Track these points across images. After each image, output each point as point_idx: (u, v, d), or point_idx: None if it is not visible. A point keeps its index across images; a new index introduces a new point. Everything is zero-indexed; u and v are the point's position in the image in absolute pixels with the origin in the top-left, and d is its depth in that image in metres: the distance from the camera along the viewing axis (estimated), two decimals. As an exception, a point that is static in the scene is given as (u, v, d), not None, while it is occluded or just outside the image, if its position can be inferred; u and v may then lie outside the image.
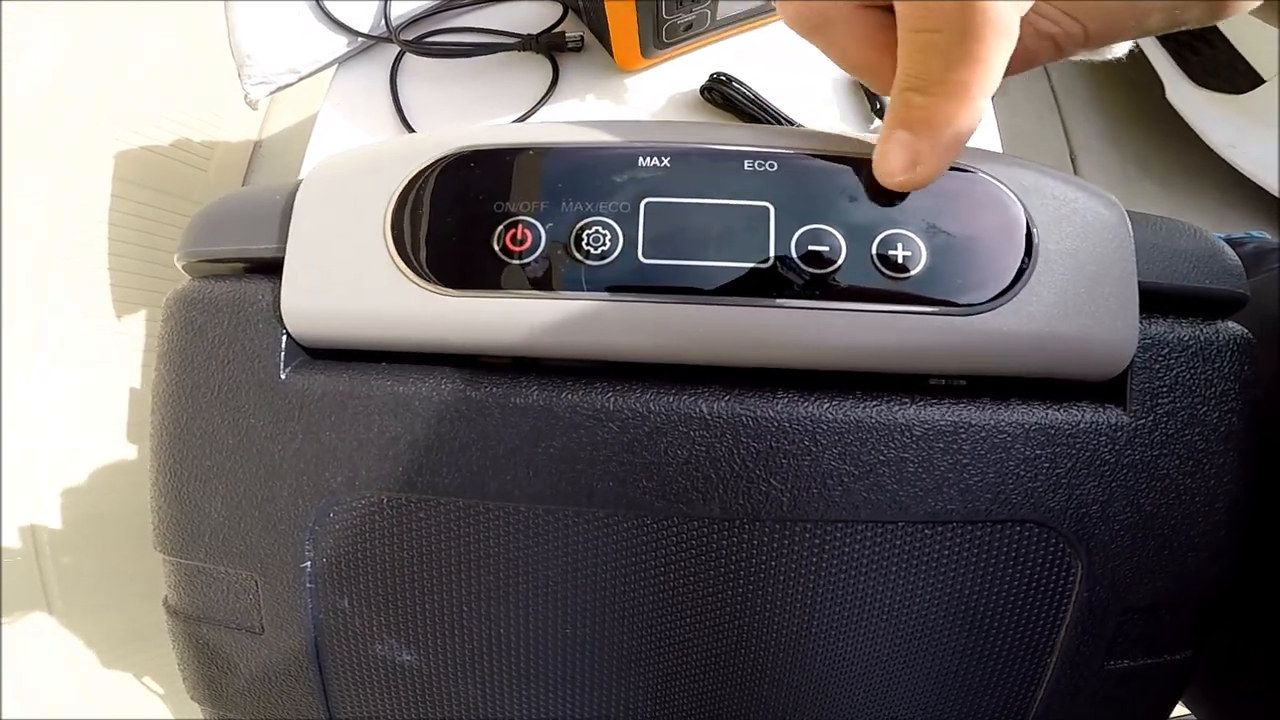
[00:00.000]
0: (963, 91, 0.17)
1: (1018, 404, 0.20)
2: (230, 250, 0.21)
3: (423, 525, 0.21)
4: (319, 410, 0.20)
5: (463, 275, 0.19)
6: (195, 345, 0.21)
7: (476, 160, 0.20)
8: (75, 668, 0.80)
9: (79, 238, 0.87)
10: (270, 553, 0.22)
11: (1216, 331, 0.21)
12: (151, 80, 0.95)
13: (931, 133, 0.18)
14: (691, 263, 0.19)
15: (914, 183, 0.18)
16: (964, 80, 0.17)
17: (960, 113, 0.17)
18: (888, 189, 0.19)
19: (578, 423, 0.19)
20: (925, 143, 0.18)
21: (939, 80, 0.17)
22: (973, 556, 0.20)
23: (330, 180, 0.21)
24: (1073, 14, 0.17)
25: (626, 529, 0.20)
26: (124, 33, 0.91)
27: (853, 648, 0.21)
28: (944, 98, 0.17)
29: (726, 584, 0.20)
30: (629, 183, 0.19)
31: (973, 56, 0.16)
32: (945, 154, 0.18)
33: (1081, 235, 0.20)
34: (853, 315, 0.19)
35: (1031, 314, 0.19)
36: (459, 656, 0.22)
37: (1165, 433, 0.20)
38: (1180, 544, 0.21)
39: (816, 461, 0.19)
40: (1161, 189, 1.17)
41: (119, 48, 0.91)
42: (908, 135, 0.18)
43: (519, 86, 0.54)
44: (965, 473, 0.19)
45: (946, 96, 0.17)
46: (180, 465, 0.22)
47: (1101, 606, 0.21)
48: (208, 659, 0.24)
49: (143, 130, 0.95)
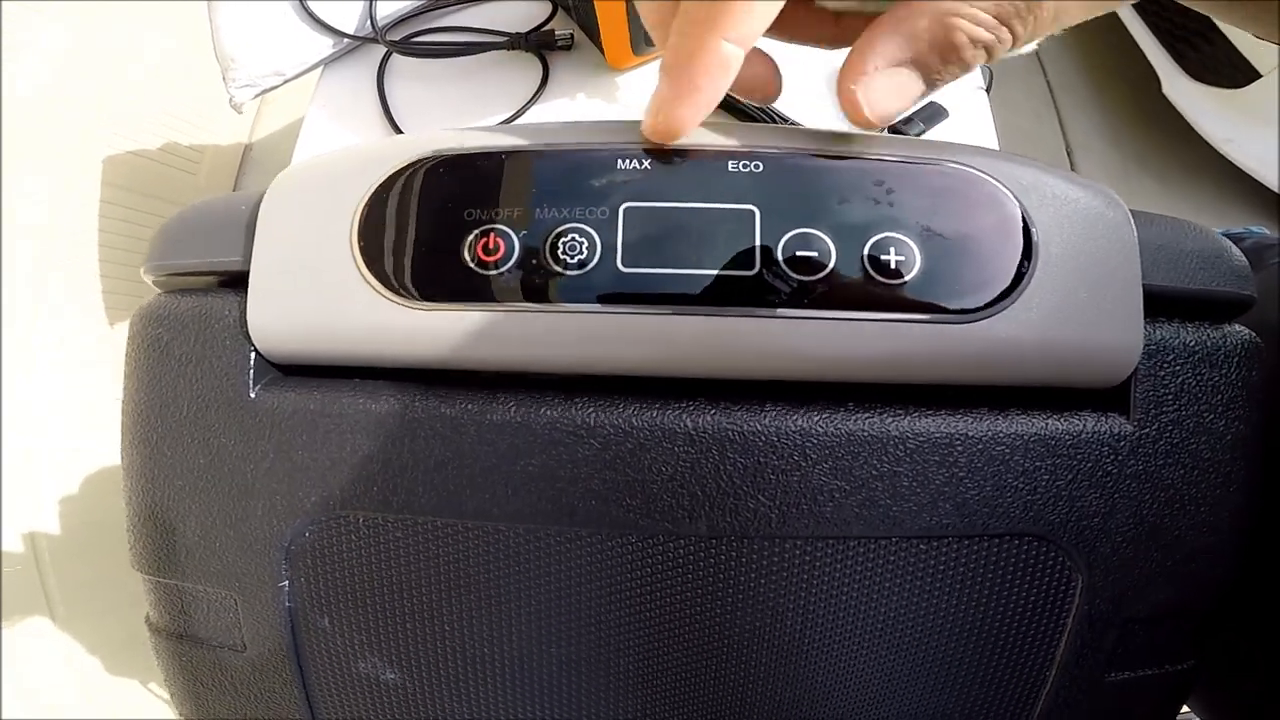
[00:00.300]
0: (704, 28, 0.16)
1: (1016, 414, 0.19)
2: (195, 264, 0.21)
3: (400, 545, 0.20)
4: (290, 429, 0.20)
5: (434, 287, 0.19)
6: (162, 364, 0.21)
7: (445, 166, 0.19)
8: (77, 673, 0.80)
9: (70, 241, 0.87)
10: (247, 572, 0.21)
11: (1224, 335, 0.20)
12: (140, 84, 0.95)
13: (673, 74, 0.17)
14: (673, 271, 0.18)
15: (658, 131, 0.18)
16: (707, 16, 0.16)
17: (700, 52, 0.16)
18: None
19: (557, 439, 0.19)
20: (667, 85, 0.17)
21: (690, 18, 0.16)
22: (969, 571, 0.20)
23: (295, 190, 0.20)
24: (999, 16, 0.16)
25: (610, 548, 0.19)
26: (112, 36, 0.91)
27: (845, 666, 0.21)
28: (687, 35, 0.16)
29: (715, 603, 0.20)
30: (606, 187, 0.19)
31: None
32: (687, 98, 0.17)
33: (1084, 236, 0.19)
34: (843, 324, 0.18)
35: (1032, 320, 0.18)
36: (443, 676, 0.22)
37: (1170, 442, 0.20)
38: (1184, 554, 0.20)
39: (806, 477, 0.19)
40: (1159, 185, 1.16)
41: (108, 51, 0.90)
42: (660, 81, 0.17)
43: (509, 86, 0.53)
44: (961, 486, 0.19)
45: (689, 34, 0.16)
46: (152, 485, 0.21)
47: (1102, 619, 0.20)
48: (192, 676, 0.23)
49: (132, 134, 0.95)
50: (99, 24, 0.88)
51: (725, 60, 0.17)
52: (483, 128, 0.20)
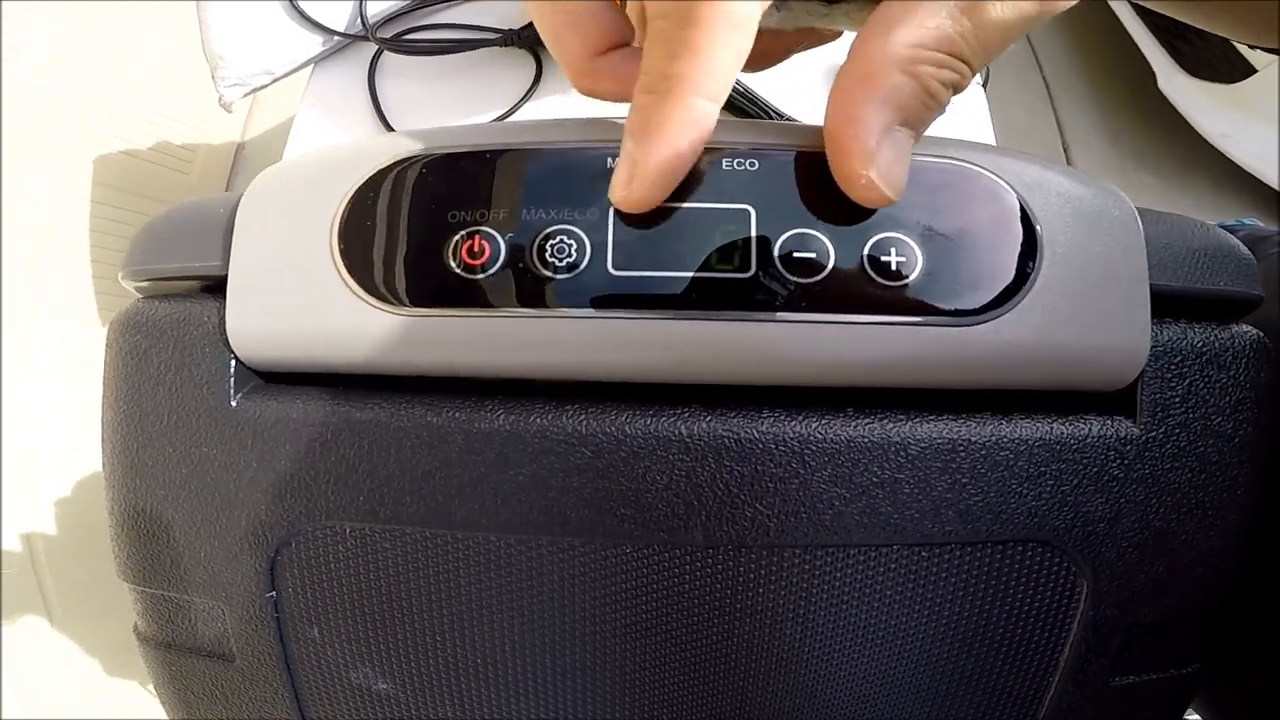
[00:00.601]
0: (681, 86, 0.15)
1: (1020, 418, 0.19)
2: (174, 269, 0.20)
3: (389, 555, 0.20)
4: (273, 438, 0.19)
5: (417, 292, 0.18)
6: (141, 372, 0.20)
7: (428, 166, 0.19)
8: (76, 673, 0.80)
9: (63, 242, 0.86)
10: (234, 583, 0.21)
11: (1232, 336, 0.20)
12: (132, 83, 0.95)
13: (646, 138, 0.16)
14: (666, 273, 0.18)
15: (631, 201, 0.17)
16: (680, 73, 0.15)
17: (675, 114, 0.15)
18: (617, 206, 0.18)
19: (547, 448, 0.18)
20: (643, 150, 0.16)
21: (659, 73, 0.15)
22: (972, 578, 0.19)
23: (273, 191, 0.19)
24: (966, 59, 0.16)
25: (604, 558, 0.19)
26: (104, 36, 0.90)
27: (847, 676, 0.20)
28: (660, 94, 0.15)
29: (712, 614, 0.19)
30: (596, 186, 0.18)
31: (691, 46, 0.15)
32: (664, 165, 0.16)
33: (1089, 235, 0.18)
34: (843, 327, 0.17)
35: (1036, 322, 0.18)
36: (436, 687, 0.21)
37: (1177, 445, 0.19)
38: (1190, 558, 0.20)
39: (805, 484, 0.18)
40: (1157, 180, 1.16)
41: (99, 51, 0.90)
42: (629, 144, 0.16)
43: (502, 83, 0.52)
44: (964, 493, 0.18)
45: (662, 93, 0.15)
46: (134, 495, 0.21)
47: (1107, 624, 0.20)
48: (182, 685, 0.23)
49: (124, 133, 0.94)
50: (90, 24, 0.88)
51: (702, 122, 0.16)
52: (468, 126, 0.19)
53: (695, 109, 0.16)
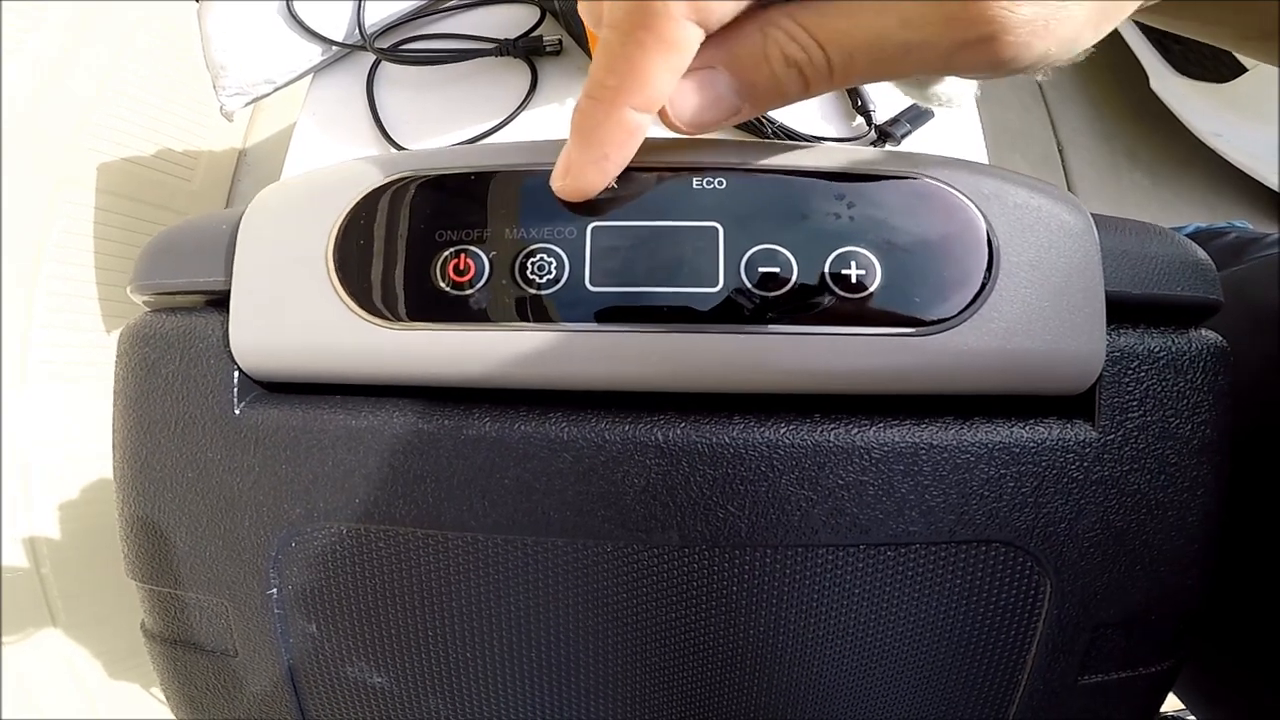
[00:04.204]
0: (611, 97, 0.16)
1: (981, 422, 0.19)
2: (179, 284, 0.21)
3: (383, 554, 0.21)
4: (274, 445, 0.20)
5: (408, 308, 0.19)
6: (150, 381, 0.21)
7: (417, 187, 0.20)
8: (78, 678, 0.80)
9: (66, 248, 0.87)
10: (237, 581, 0.22)
11: (1189, 341, 0.20)
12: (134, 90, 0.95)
13: (581, 139, 0.17)
14: (641, 289, 0.18)
15: (566, 191, 0.18)
16: (615, 86, 0.16)
17: (610, 122, 0.16)
18: None
19: (532, 453, 0.19)
20: (577, 152, 0.17)
21: (599, 83, 0.16)
22: (938, 577, 0.20)
23: (273, 210, 0.20)
24: (818, 38, 0.16)
25: (586, 557, 0.20)
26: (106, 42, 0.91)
27: (818, 672, 0.21)
28: (596, 101, 0.16)
29: (688, 610, 0.20)
30: (574, 207, 0.19)
31: (628, 61, 0.16)
32: (594, 164, 0.17)
33: (1046, 245, 0.19)
34: (807, 339, 0.18)
35: (994, 330, 0.18)
36: (428, 680, 0.22)
37: (1136, 448, 0.20)
38: (1152, 558, 0.20)
39: (774, 487, 0.19)
40: (1150, 179, 1.16)
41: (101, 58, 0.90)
42: (569, 143, 0.17)
43: (498, 92, 0.53)
44: (927, 494, 0.19)
45: (597, 100, 0.16)
46: (142, 497, 0.22)
47: (1072, 623, 0.21)
48: (187, 680, 0.24)
49: (126, 141, 0.95)
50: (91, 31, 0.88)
51: (632, 129, 0.17)
52: (455, 148, 0.20)
53: (627, 119, 0.16)
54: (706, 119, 0.17)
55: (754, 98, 0.17)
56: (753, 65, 0.17)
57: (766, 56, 0.16)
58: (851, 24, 0.16)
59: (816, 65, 0.16)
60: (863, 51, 0.16)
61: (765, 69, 0.17)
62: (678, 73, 0.16)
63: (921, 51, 0.16)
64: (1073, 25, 0.15)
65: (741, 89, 0.17)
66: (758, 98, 0.17)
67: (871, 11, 0.16)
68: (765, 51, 0.16)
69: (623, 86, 0.16)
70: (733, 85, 0.17)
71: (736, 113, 0.18)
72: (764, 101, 0.17)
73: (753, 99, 0.17)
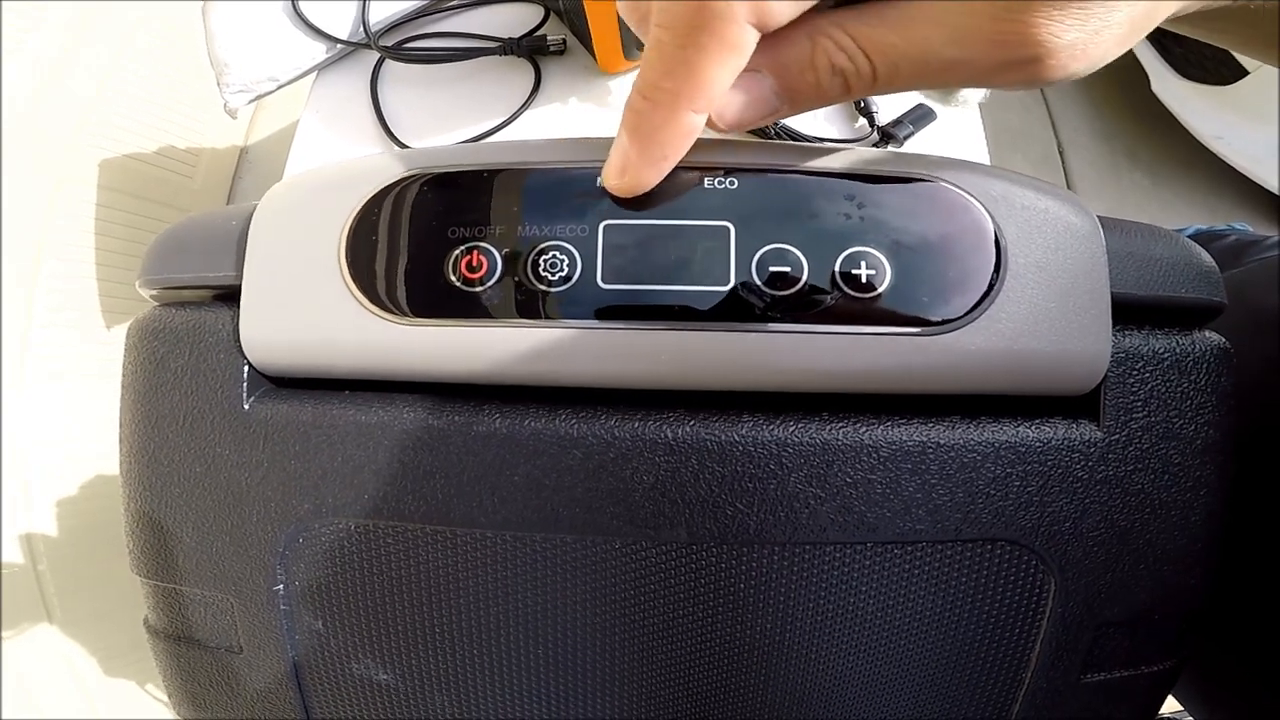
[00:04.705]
0: (671, 100, 0.16)
1: (987, 422, 0.20)
2: (188, 278, 0.21)
3: (391, 551, 0.21)
4: (283, 440, 0.20)
5: (420, 304, 0.19)
6: (158, 376, 0.21)
7: (429, 184, 0.20)
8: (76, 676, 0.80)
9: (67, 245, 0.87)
10: (243, 577, 0.22)
11: (1193, 342, 0.20)
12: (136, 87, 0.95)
13: (639, 140, 0.17)
14: (652, 286, 0.19)
15: (623, 189, 0.18)
16: (674, 89, 0.16)
17: (667, 123, 0.17)
18: None
19: (541, 450, 0.19)
20: (634, 150, 0.17)
21: (654, 85, 0.16)
22: (944, 575, 0.20)
23: (284, 206, 0.20)
24: (865, 49, 0.16)
25: (595, 554, 0.20)
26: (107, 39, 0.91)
27: (824, 669, 0.21)
28: (654, 104, 0.16)
29: (697, 607, 0.20)
30: (586, 204, 0.19)
31: (688, 65, 0.16)
32: (652, 164, 0.18)
33: (1053, 246, 0.19)
34: (816, 337, 0.18)
35: (1001, 331, 0.19)
36: (434, 677, 0.22)
37: (1140, 448, 0.20)
38: (1156, 558, 0.21)
39: (782, 484, 0.19)
40: (1151, 180, 1.17)
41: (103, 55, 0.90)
42: (624, 139, 0.17)
43: (501, 90, 0.53)
44: (934, 493, 0.19)
45: (656, 104, 0.16)
46: (150, 492, 0.22)
47: (1076, 622, 0.21)
48: (190, 677, 0.24)
49: (127, 138, 0.94)
50: (93, 28, 0.88)
51: (690, 130, 0.17)
52: (466, 145, 0.20)
53: (686, 121, 0.17)
54: (747, 119, 0.18)
55: (794, 100, 0.18)
56: (798, 71, 0.17)
57: (813, 63, 0.17)
58: (901, 38, 0.16)
59: (862, 74, 0.17)
60: (909, 64, 0.16)
61: (810, 75, 0.17)
62: (735, 75, 0.16)
63: (966, 68, 0.16)
64: (1105, 47, 0.16)
65: (783, 91, 0.17)
66: (798, 101, 0.18)
67: (922, 27, 0.16)
68: (812, 58, 0.17)
69: (682, 90, 0.16)
70: (775, 87, 0.17)
71: (775, 113, 0.18)
72: (803, 104, 0.18)
73: (792, 101, 0.18)
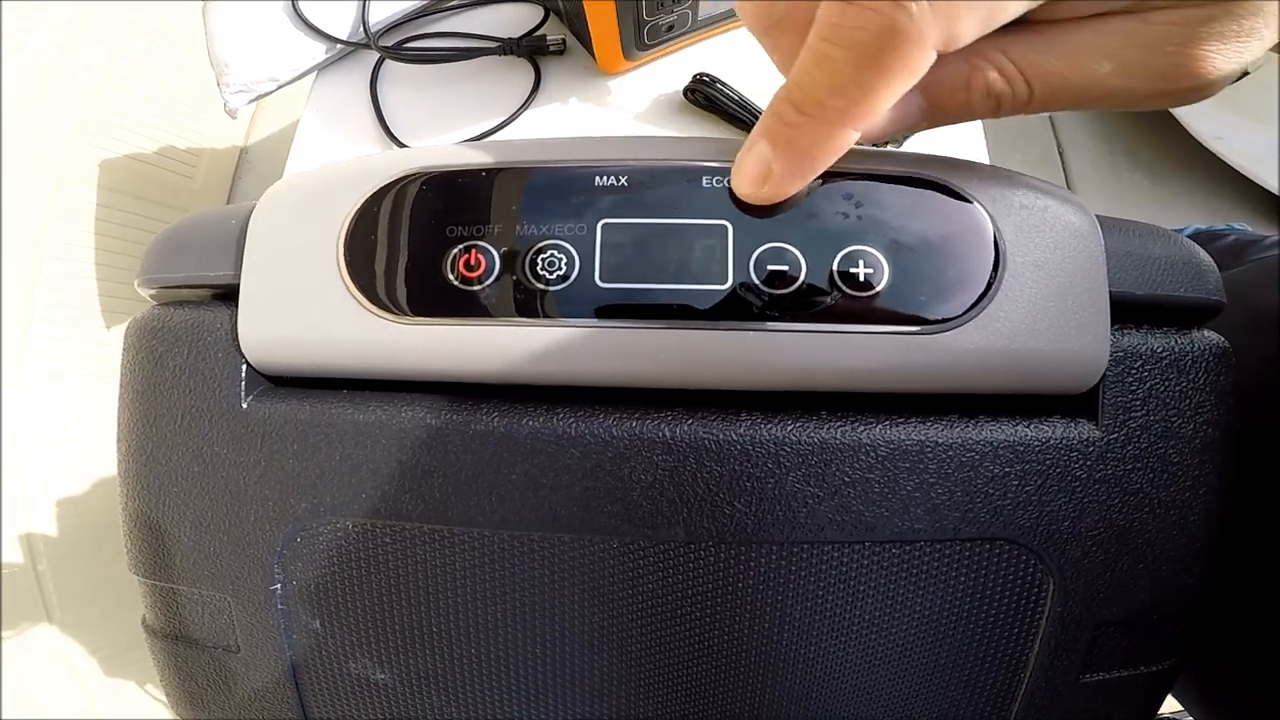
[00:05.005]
0: (836, 118, 0.15)
1: (986, 421, 0.20)
2: (186, 278, 0.21)
3: (388, 550, 0.21)
4: (281, 439, 0.20)
5: (418, 303, 0.19)
6: (157, 375, 0.21)
7: (427, 183, 0.20)
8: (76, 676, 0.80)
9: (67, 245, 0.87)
10: (240, 576, 0.22)
11: (1192, 341, 0.20)
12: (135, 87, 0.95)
13: (790, 153, 0.16)
14: (651, 285, 0.19)
15: (761, 198, 0.18)
16: (842, 108, 0.15)
17: (828, 141, 0.16)
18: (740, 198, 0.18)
19: (539, 449, 0.19)
20: (781, 161, 0.17)
21: (817, 101, 0.15)
22: (942, 575, 0.20)
23: (283, 205, 0.20)
24: (1027, 75, 0.16)
25: (592, 552, 0.20)
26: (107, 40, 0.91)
27: (823, 668, 0.21)
28: (816, 120, 0.16)
29: (694, 605, 0.20)
30: (585, 203, 0.19)
31: (862, 86, 0.15)
32: (798, 178, 0.17)
33: (1051, 245, 0.19)
34: (814, 336, 0.18)
35: (1000, 330, 0.19)
36: (432, 677, 0.22)
37: (1139, 447, 0.20)
38: (1154, 558, 0.21)
39: (780, 483, 0.19)
40: (1150, 179, 1.16)
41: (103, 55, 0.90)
42: (767, 150, 0.17)
43: (501, 91, 0.53)
44: (932, 492, 0.19)
45: (815, 119, 0.16)
46: (147, 491, 0.22)
47: (1075, 621, 0.21)
48: (187, 676, 0.24)
49: (127, 138, 0.95)
50: (92, 28, 0.88)
51: (846, 146, 0.16)
52: (465, 144, 0.20)
53: (845, 138, 0.16)
54: (887, 133, 0.17)
55: (937, 117, 0.18)
56: (950, 90, 0.17)
57: (968, 84, 0.17)
58: (1067, 66, 0.16)
59: (1018, 98, 0.17)
60: (1069, 92, 0.16)
61: (963, 95, 0.17)
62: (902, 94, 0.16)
63: (1125, 95, 0.16)
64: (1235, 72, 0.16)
65: (929, 109, 0.17)
66: (941, 117, 0.18)
67: (1088, 57, 0.16)
68: (969, 79, 0.17)
69: (851, 109, 0.15)
70: (921, 104, 0.17)
71: (915, 127, 0.18)
72: (945, 121, 0.18)
73: (935, 118, 0.18)
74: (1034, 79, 0.16)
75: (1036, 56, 0.16)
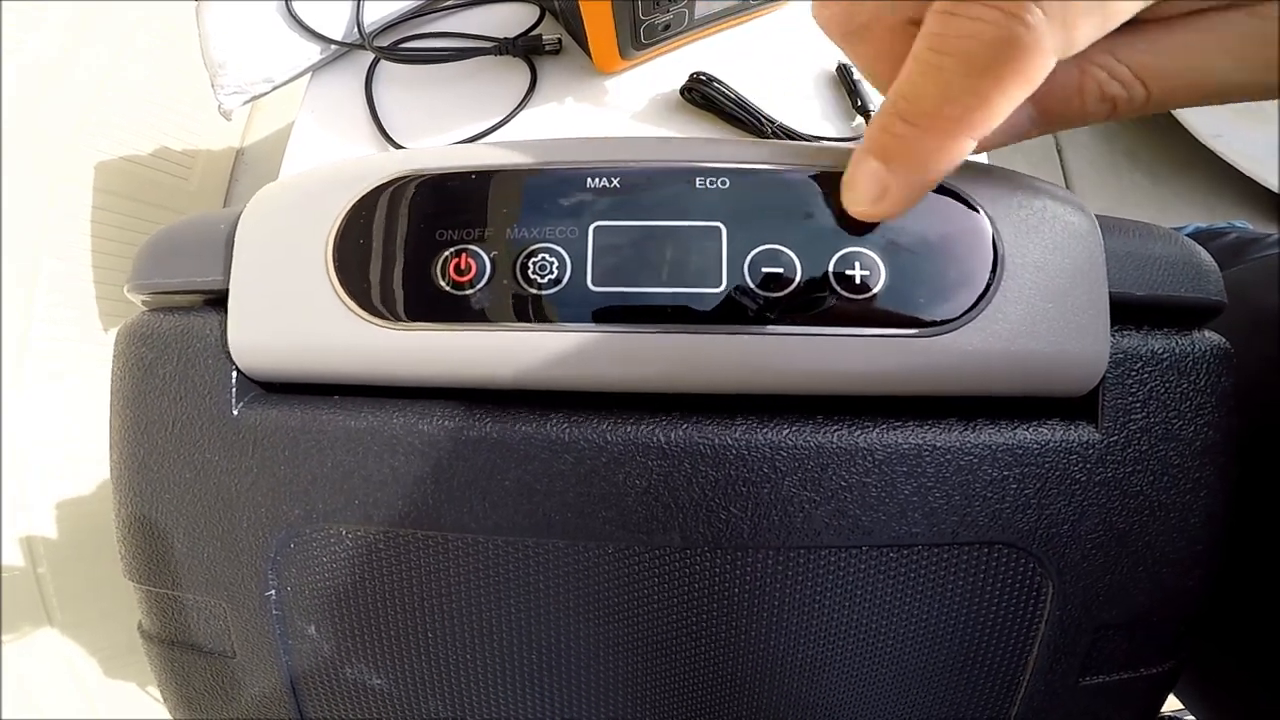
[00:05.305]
0: (951, 129, 0.15)
1: (984, 424, 0.19)
2: (176, 283, 0.21)
3: (382, 556, 0.20)
4: (272, 445, 0.20)
5: (408, 308, 0.19)
6: (147, 382, 0.21)
7: (417, 186, 0.20)
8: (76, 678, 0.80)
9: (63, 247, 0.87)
10: (235, 582, 0.21)
11: (1192, 342, 0.20)
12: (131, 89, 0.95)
13: (905, 167, 0.16)
14: (644, 289, 0.18)
15: (877, 215, 0.17)
16: (958, 117, 0.15)
17: (941, 150, 0.15)
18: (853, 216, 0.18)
19: (533, 455, 0.19)
20: (896, 177, 0.16)
21: (930, 112, 0.15)
22: (941, 579, 0.20)
23: (271, 209, 0.20)
24: (1143, 77, 0.16)
25: (587, 559, 0.20)
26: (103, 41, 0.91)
27: (821, 674, 0.21)
28: (930, 132, 0.15)
29: (690, 611, 0.20)
30: (576, 206, 0.19)
31: (979, 95, 0.14)
32: (916, 192, 0.16)
33: (1051, 246, 0.19)
34: (810, 339, 0.18)
35: (998, 332, 0.18)
36: (427, 682, 0.22)
37: (1138, 449, 0.20)
38: (1154, 560, 0.20)
39: (776, 488, 0.19)
40: (1150, 179, 1.16)
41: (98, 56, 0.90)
42: (879, 166, 0.16)
43: (497, 91, 0.53)
44: (930, 496, 0.19)
45: (929, 131, 0.15)
46: (140, 498, 0.22)
47: (1074, 624, 0.20)
48: (185, 681, 0.24)
49: (123, 140, 0.94)
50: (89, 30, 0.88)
51: (964, 156, 0.16)
52: (454, 146, 0.20)
53: (962, 148, 0.15)
54: (998, 141, 0.17)
55: (1049, 123, 0.17)
56: (1063, 98, 0.16)
57: (1081, 90, 0.16)
58: (1184, 65, 0.16)
59: (1134, 101, 0.16)
60: (1186, 90, 0.16)
61: (1076, 101, 0.16)
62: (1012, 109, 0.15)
63: (1243, 88, 0.16)
64: None
65: (1040, 116, 0.17)
66: (1053, 123, 0.17)
67: (1205, 54, 0.15)
68: (1081, 86, 0.16)
69: (965, 119, 0.15)
70: (1031, 112, 0.17)
71: (1025, 135, 0.17)
72: (1057, 127, 0.17)
73: (1045, 124, 0.17)
74: (1149, 79, 0.16)
75: (1147, 57, 0.16)
